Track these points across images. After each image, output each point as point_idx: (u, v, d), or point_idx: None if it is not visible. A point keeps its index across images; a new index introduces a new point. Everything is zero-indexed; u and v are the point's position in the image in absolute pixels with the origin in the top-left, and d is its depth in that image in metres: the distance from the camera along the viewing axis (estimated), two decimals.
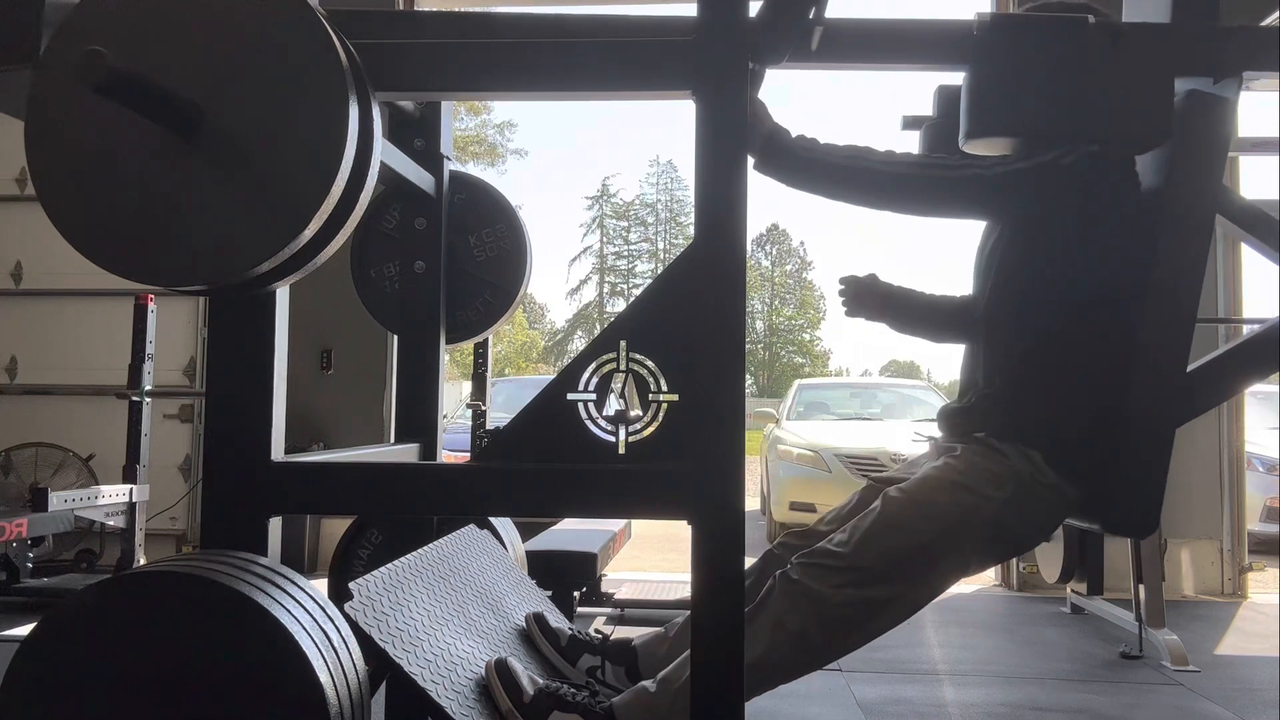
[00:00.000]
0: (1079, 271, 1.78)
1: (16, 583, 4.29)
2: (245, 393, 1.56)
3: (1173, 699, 3.09)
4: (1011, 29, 1.73)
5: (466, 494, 1.57)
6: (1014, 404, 1.80)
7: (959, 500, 1.73)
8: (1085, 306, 1.78)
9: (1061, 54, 1.70)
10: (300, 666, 1.30)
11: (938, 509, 1.73)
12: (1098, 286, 1.78)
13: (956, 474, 1.76)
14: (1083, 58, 1.70)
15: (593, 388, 1.58)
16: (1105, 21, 1.72)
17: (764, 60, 1.63)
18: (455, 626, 1.82)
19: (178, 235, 1.39)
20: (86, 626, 1.33)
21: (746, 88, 1.50)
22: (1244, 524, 5.07)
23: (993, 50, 1.73)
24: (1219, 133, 1.79)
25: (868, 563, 1.70)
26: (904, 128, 2.05)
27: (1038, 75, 1.71)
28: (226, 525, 1.54)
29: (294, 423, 1.69)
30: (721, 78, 1.49)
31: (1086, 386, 1.78)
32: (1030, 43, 1.71)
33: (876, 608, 1.71)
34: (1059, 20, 1.73)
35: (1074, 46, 1.70)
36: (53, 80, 1.41)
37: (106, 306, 5.39)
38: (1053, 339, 1.79)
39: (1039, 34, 1.72)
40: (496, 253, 2.43)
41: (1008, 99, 1.72)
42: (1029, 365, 1.80)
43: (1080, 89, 1.71)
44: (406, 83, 1.57)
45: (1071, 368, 1.78)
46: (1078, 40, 1.70)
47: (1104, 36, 1.70)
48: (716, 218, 1.48)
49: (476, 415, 4.70)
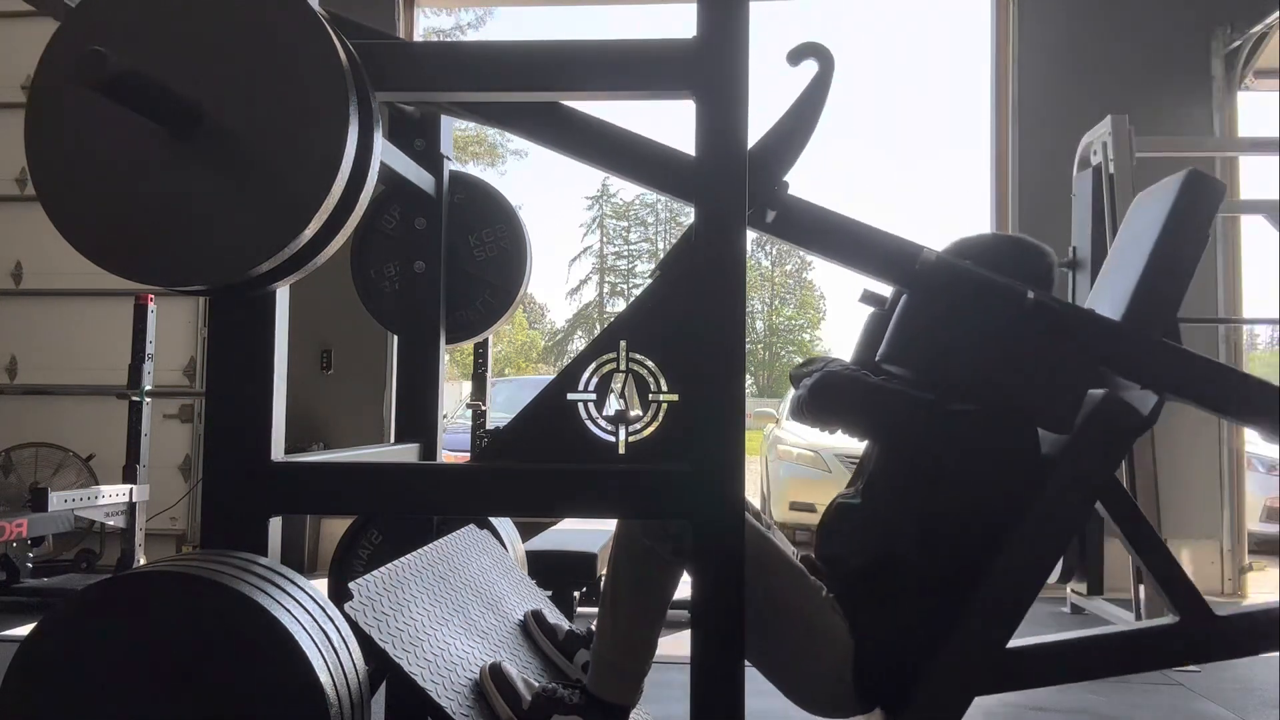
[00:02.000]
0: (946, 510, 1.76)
1: (16, 583, 4.29)
2: (245, 393, 1.56)
3: (1173, 699, 3.09)
4: (949, 276, 1.72)
5: (466, 494, 1.57)
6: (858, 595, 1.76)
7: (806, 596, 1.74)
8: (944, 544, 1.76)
9: (992, 319, 1.70)
10: (300, 666, 1.30)
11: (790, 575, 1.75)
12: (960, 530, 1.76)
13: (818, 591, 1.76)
14: (1012, 330, 1.70)
15: (593, 388, 1.57)
16: (1042, 302, 1.70)
17: None
18: (455, 626, 1.82)
19: (178, 235, 1.39)
20: (86, 626, 1.33)
21: (747, 88, 1.50)
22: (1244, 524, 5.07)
23: (928, 288, 1.73)
24: (1123, 441, 1.78)
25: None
26: (860, 300, 2.05)
27: (964, 331, 1.71)
28: (226, 525, 1.54)
29: (294, 423, 1.69)
30: (721, 78, 1.49)
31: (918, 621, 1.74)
32: (965, 297, 1.72)
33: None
34: (998, 287, 1.72)
35: (1006, 316, 1.70)
36: (53, 80, 1.41)
37: (106, 306, 5.39)
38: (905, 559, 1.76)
39: (975, 292, 1.71)
40: (496, 253, 2.43)
41: (929, 343, 1.73)
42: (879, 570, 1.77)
43: (1001, 358, 1.70)
44: (406, 83, 1.56)
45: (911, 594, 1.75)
46: (1010, 311, 1.70)
47: (1038, 315, 1.70)
48: (716, 218, 1.48)
49: (476, 415, 4.70)
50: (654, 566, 1.71)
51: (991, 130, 5.42)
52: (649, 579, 1.72)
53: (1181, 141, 4.79)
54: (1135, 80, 5.01)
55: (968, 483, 1.76)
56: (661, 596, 1.75)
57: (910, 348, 1.75)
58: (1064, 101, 5.06)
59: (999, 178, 5.38)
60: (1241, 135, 5.08)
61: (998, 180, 5.39)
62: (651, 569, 1.72)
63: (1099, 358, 1.73)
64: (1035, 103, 5.20)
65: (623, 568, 1.74)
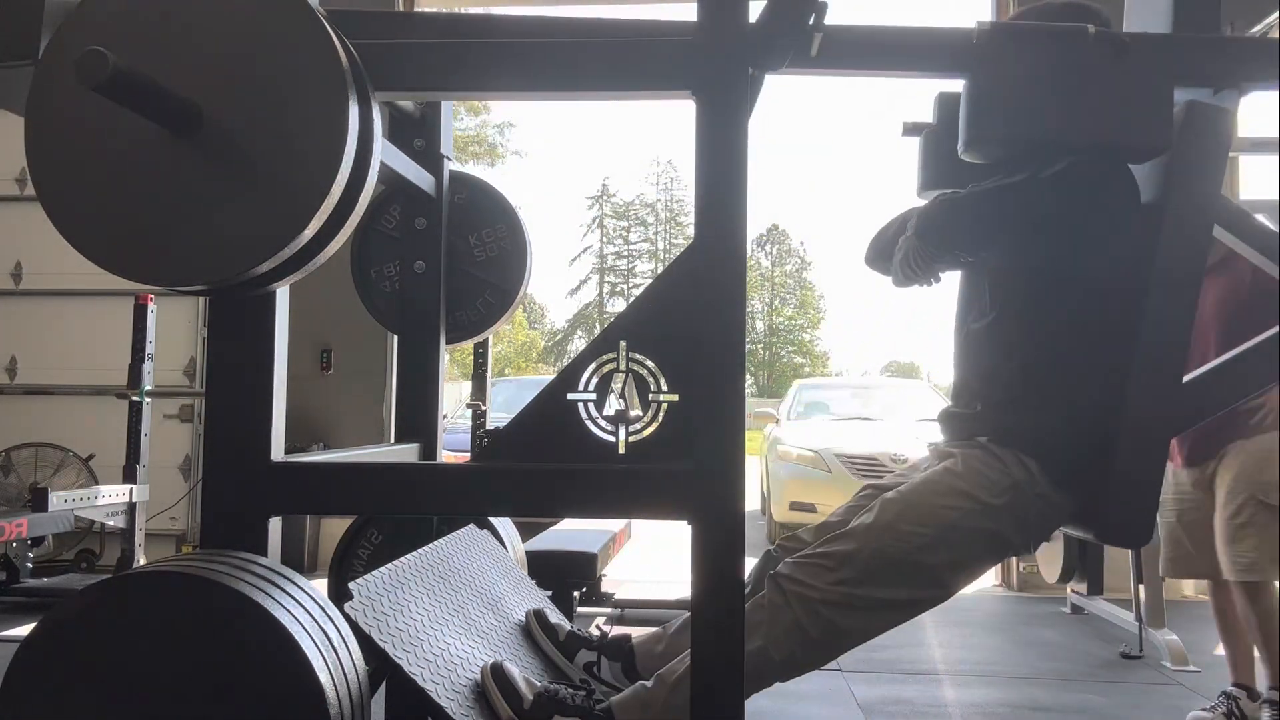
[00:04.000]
0: (1074, 281, 1.78)
1: (16, 583, 4.30)
2: (245, 393, 1.56)
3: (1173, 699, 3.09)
4: (1011, 38, 1.73)
5: (466, 494, 1.57)
6: (1012, 412, 1.80)
7: (955, 505, 1.73)
8: (1082, 316, 1.79)
9: (1061, 64, 1.71)
10: (300, 666, 1.30)
11: (933, 513, 1.73)
12: (1094, 296, 1.79)
13: (955, 478, 1.76)
14: (1082, 68, 1.70)
15: (593, 388, 1.57)
16: (1105, 32, 1.72)
17: (764, 65, 1.63)
18: (455, 626, 1.82)
19: (178, 235, 1.39)
20: (86, 626, 1.33)
21: (747, 88, 1.50)
22: None
23: (992, 59, 1.73)
24: (1218, 144, 1.79)
25: (861, 562, 1.70)
26: (904, 134, 2.06)
27: (1037, 85, 1.71)
28: (226, 525, 1.54)
29: (294, 423, 1.69)
30: (721, 78, 1.49)
31: (1083, 397, 1.78)
32: (1030, 52, 1.72)
33: (868, 608, 1.71)
34: (1059, 30, 1.73)
35: (1074, 57, 1.70)
36: (53, 80, 1.41)
37: (106, 306, 5.39)
38: (1050, 349, 1.79)
39: (1039, 44, 1.72)
40: (496, 253, 2.43)
41: (1007, 108, 1.72)
42: (1027, 374, 1.80)
43: (1080, 99, 1.71)
44: (406, 83, 1.56)
45: (1069, 378, 1.78)
46: (1078, 50, 1.70)
47: (1105, 47, 1.71)
48: (716, 218, 1.48)
49: (476, 415, 4.70)
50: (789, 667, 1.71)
51: None
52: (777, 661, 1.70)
53: None
54: None
55: (1089, 244, 1.76)
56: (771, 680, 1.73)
57: (990, 122, 1.74)
58: None
59: None
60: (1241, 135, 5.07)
61: None
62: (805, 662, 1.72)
63: (1168, 71, 1.73)
64: None
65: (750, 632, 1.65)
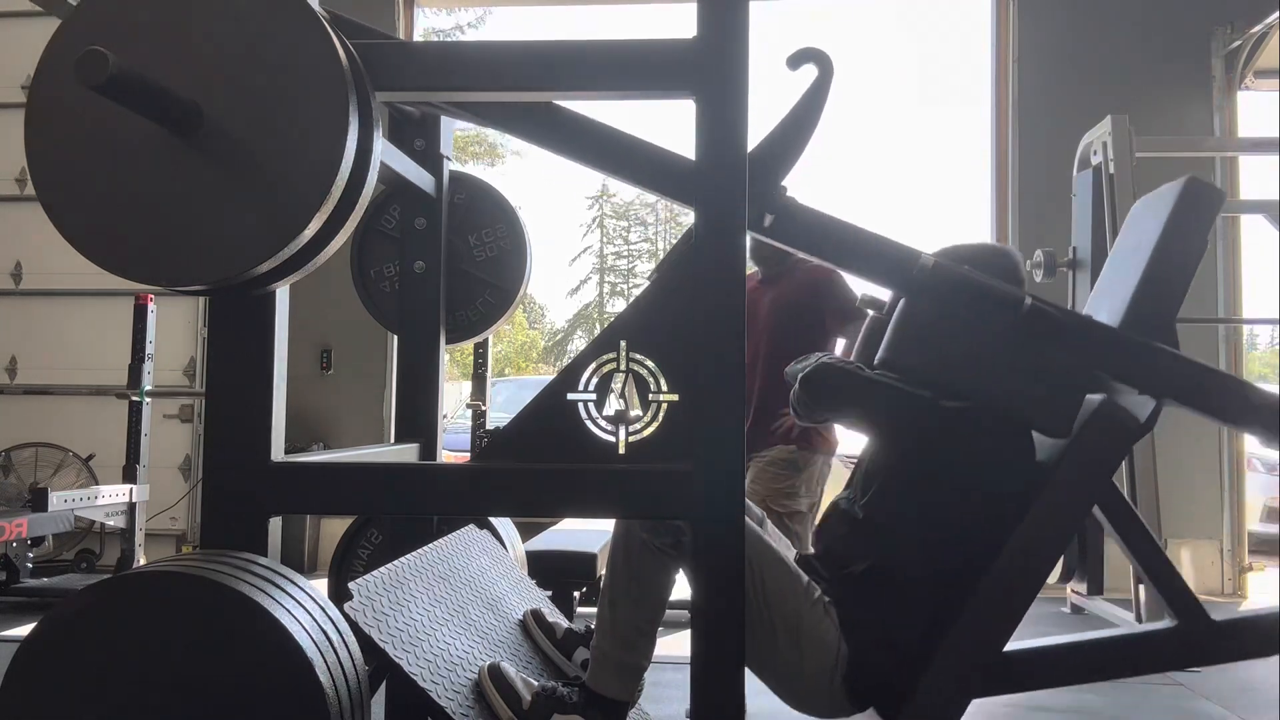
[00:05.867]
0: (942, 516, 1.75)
1: (16, 583, 4.30)
2: (245, 393, 1.56)
3: (1173, 699, 3.09)
4: (948, 281, 1.72)
5: (466, 494, 1.57)
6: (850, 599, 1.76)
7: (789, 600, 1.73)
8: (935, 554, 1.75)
9: (990, 324, 1.71)
10: (300, 666, 1.30)
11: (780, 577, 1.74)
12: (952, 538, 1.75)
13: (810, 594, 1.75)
14: (1010, 335, 1.70)
15: (593, 388, 1.57)
16: (1039, 307, 1.70)
17: None
18: (455, 626, 1.82)
19: (177, 235, 1.39)
20: (86, 626, 1.33)
21: (747, 88, 1.50)
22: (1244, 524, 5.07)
23: (928, 294, 1.73)
24: (1120, 446, 1.78)
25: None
26: (859, 304, 2.07)
27: (962, 335, 1.71)
28: (226, 525, 1.54)
29: (294, 423, 1.69)
30: (721, 78, 1.49)
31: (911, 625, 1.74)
32: (964, 303, 1.72)
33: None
34: (997, 292, 1.72)
35: (1004, 322, 1.70)
36: (53, 79, 1.41)
37: (106, 306, 5.39)
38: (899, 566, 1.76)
39: (975, 298, 1.72)
40: (496, 253, 2.42)
41: (928, 346, 1.73)
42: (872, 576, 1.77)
43: (999, 363, 1.71)
44: (406, 83, 1.56)
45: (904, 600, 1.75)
46: (1010, 318, 1.70)
47: (1035, 321, 1.70)
48: (716, 217, 1.48)
49: (476, 415, 4.70)
50: (651, 560, 1.72)
51: (991, 130, 5.42)
52: (646, 572, 1.73)
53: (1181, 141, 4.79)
54: (1135, 80, 5.01)
55: (963, 482, 1.75)
56: (659, 590, 1.75)
57: (908, 351, 1.75)
58: (1064, 101, 5.06)
59: (999, 178, 5.38)
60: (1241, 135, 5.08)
61: (998, 180, 5.39)
62: (648, 562, 1.72)
63: (1096, 363, 1.73)
64: (1035, 103, 5.20)
65: (620, 561, 1.74)
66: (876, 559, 1.77)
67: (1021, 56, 5.25)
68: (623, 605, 1.74)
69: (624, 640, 1.73)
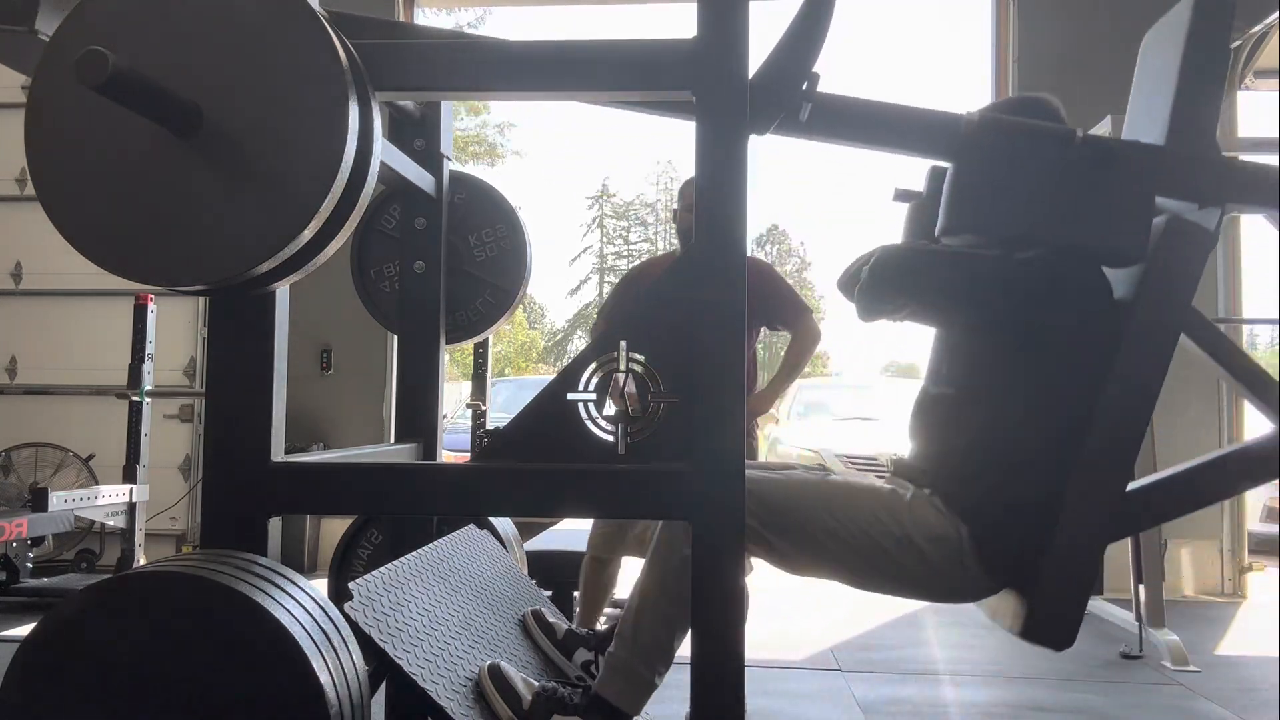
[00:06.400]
0: (1032, 369, 1.75)
1: (16, 583, 4.30)
2: (245, 393, 1.56)
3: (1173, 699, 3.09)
4: (1000, 133, 1.72)
5: (466, 494, 1.57)
6: (957, 484, 1.77)
7: (881, 519, 1.73)
8: (1036, 405, 1.76)
9: (1045, 164, 1.71)
10: (300, 666, 1.30)
11: (857, 508, 1.73)
12: (1050, 387, 1.75)
13: (896, 499, 1.76)
14: (1066, 170, 1.70)
15: (593, 388, 1.58)
16: (1093, 138, 1.71)
17: (752, 127, 1.63)
18: (455, 626, 1.82)
19: (177, 235, 1.39)
20: (86, 626, 1.33)
21: (747, 88, 1.50)
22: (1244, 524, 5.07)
23: (978, 151, 1.72)
24: (1194, 260, 1.78)
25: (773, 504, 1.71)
26: (894, 199, 2.05)
27: (1019, 181, 1.71)
28: (226, 525, 1.54)
29: (294, 423, 1.69)
30: (721, 78, 1.49)
31: (1027, 487, 1.74)
32: (1017, 149, 1.71)
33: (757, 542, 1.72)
34: (1047, 131, 1.72)
35: (1059, 158, 1.70)
36: (53, 80, 1.41)
37: (106, 306, 5.40)
38: (1000, 434, 1.76)
39: (1027, 142, 1.71)
40: (496, 253, 2.43)
41: (987, 201, 1.72)
42: (974, 454, 1.77)
43: (1060, 201, 1.71)
44: (406, 83, 1.56)
45: (1015, 466, 1.75)
46: (1064, 153, 1.70)
47: (1090, 152, 1.70)
48: (716, 218, 1.48)
49: (476, 415, 4.70)
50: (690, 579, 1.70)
51: None
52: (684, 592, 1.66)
53: None
54: None
55: (1050, 332, 1.74)
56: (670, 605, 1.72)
57: (969, 212, 1.74)
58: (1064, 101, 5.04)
59: None
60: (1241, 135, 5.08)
61: None
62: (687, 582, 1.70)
63: (1153, 182, 1.73)
64: None
65: (656, 575, 1.71)
66: (976, 431, 1.77)
67: (1021, 56, 5.25)
68: (650, 620, 1.71)
69: (644, 655, 1.70)
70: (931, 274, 1.81)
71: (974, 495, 1.74)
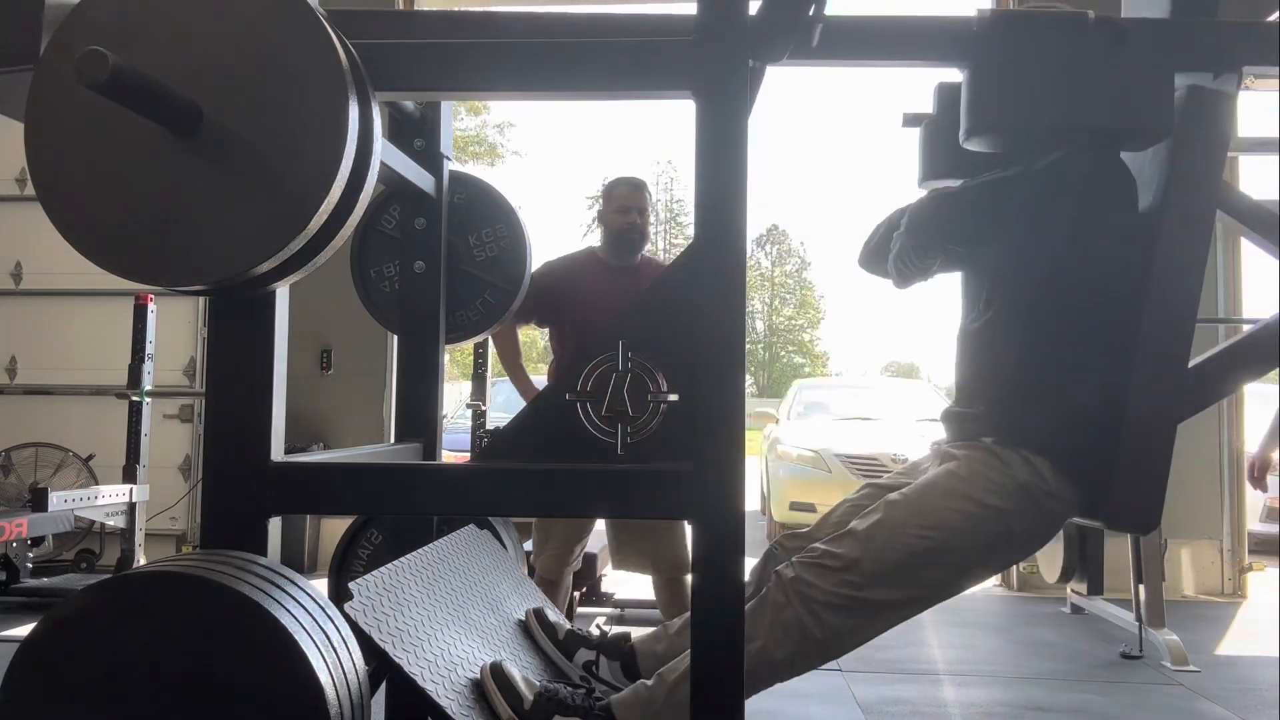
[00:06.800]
0: (1071, 272, 1.78)
1: (16, 583, 4.30)
2: (245, 393, 1.56)
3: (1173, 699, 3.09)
4: (1012, 26, 1.74)
5: (466, 494, 1.57)
6: (1018, 410, 1.79)
7: (960, 508, 1.72)
8: (1085, 308, 1.78)
9: (1062, 51, 1.72)
10: (300, 666, 1.30)
11: (938, 516, 1.72)
12: (1096, 287, 1.78)
13: (958, 481, 1.75)
14: (1083, 54, 1.71)
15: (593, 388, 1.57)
16: (1105, 18, 1.73)
17: (764, 58, 1.64)
18: (455, 626, 1.82)
19: (178, 235, 1.39)
20: (86, 626, 1.33)
21: (746, 88, 1.50)
22: (1244, 524, 5.07)
23: (993, 47, 1.73)
24: (1219, 128, 1.80)
25: (865, 565, 1.70)
26: (904, 124, 2.07)
27: (1038, 72, 1.72)
28: (226, 525, 1.54)
29: (294, 423, 1.69)
30: (721, 78, 1.49)
31: (1090, 388, 1.77)
32: (1031, 40, 1.73)
33: (872, 610, 1.71)
34: (1060, 17, 1.74)
35: (1074, 43, 1.71)
36: (53, 80, 1.41)
37: (106, 306, 5.40)
38: (1049, 342, 1.79)
39: (1040, 31, 1.73)
40: (496, 253, 2.42)
41: (1008, 96, 1.73)
42: (1031, 371, 1.80)
43: (1081, 86, 1.72)
44: (406, 83, 1.56)
45: (1070, 369, 1.78)
46: (1078, 37, 1.71)
47: (1105, 33, 1.72)
48: (716, 218, 1.48)
49: (476, 415, 4.70)
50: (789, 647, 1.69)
51: None
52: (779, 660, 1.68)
53: None
54: None
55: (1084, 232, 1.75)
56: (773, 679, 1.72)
57: (990, 109, 1.75)
58: None
59: None
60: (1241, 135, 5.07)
61: None
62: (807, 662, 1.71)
63: (1168, 54, 1.74)
64: None
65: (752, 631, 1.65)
66: (1026, 348, 1.79)
67: None
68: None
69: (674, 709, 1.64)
70: (970, 209, 1.84)
71: (1036, 416, 1.75)
